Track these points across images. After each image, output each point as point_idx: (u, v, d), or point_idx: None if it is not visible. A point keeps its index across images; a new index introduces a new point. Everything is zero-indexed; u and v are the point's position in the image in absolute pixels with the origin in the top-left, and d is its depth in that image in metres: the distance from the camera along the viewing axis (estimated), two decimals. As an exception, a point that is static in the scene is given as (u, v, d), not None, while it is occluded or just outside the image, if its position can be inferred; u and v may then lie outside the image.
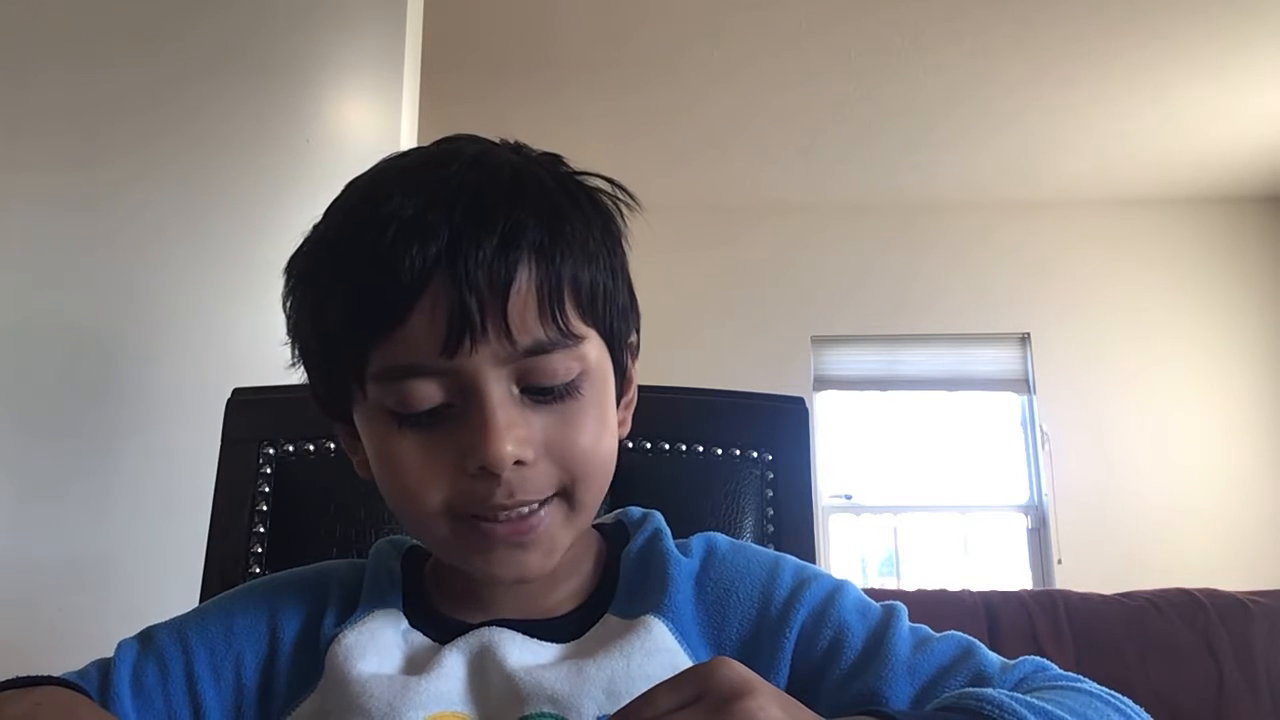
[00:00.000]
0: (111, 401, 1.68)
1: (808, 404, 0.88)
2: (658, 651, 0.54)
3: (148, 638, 0.58)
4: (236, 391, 0.87)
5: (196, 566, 0.81)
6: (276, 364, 0.61)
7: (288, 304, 0.57)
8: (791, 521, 0.83)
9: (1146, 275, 4.16)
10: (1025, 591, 2.23)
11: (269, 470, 0.83)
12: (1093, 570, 3.59)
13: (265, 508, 0.82)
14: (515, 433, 0.50)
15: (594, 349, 0.54)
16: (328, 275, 0.53)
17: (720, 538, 0.63)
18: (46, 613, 1.57)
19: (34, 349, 1.68)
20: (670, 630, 0.55)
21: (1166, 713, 2.00)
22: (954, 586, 2.24)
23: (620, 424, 0.60)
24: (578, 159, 0.60)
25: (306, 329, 0.56)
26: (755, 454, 0.85)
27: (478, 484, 0.50)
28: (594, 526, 0.64)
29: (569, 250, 0.51)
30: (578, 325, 0.52)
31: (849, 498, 4.10)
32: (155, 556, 1.57)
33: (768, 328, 4.13)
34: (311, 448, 0.83)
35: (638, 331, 0.62)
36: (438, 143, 0.57)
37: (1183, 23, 2.98)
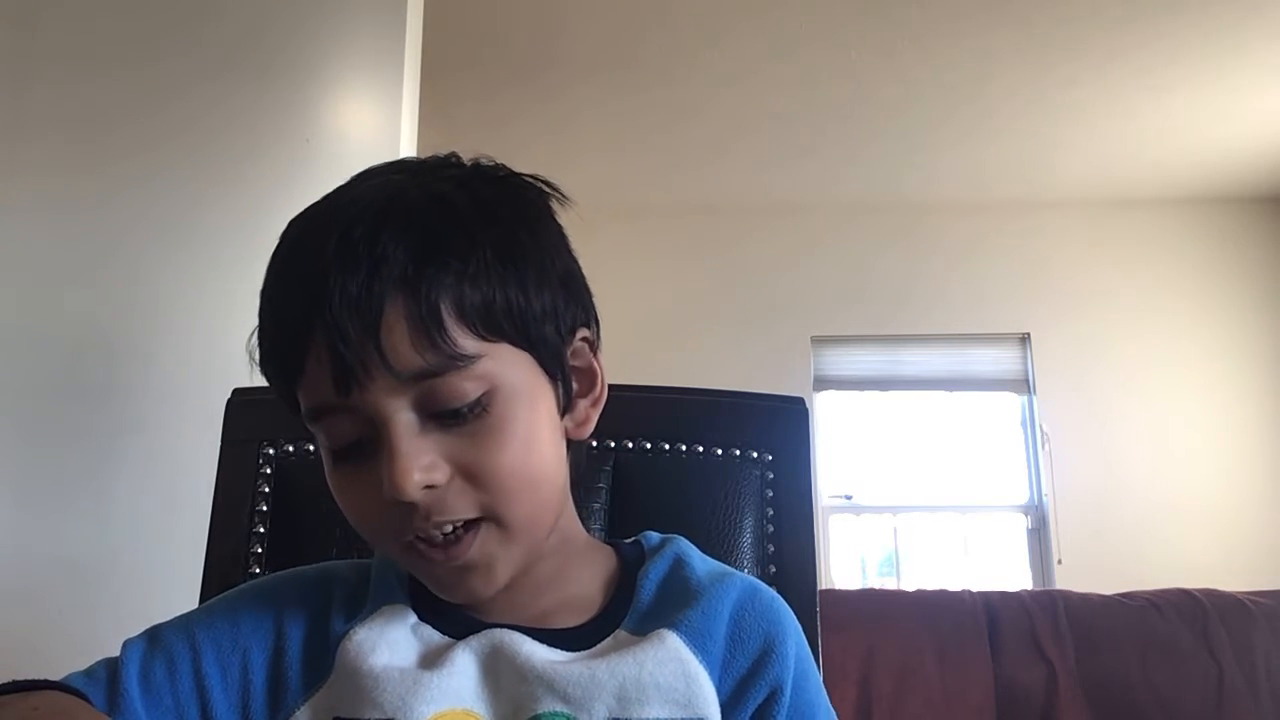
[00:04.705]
0: (111, 401, 1.68)
1: (808, 404, 0.88)
2: (670, 660, 0.55)
3: (154, 636, 0.58)
4: (236, 391, 0.86)
5: (196, 566, 0.81)
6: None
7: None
8: (791, 521, 0.83)
9: (1146, 275, 4.16)
10: (1025, 591, 2.23)
11: (269, 470, 0.83)
12: (1093, 570, 3.59)
13: (265, 508, 0.82)
14: (420, 460, 0.51)
15: (503, 364, 0.53)
16: (259, 324, 0.56)
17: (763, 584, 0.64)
18: (47, 613, 1.57)
19: (34, 349, 1.68)
20: (685, 643, 0.56)
21: (1166, 713, 2.00)
22: (954, 586, 2.24)
23: (583, 422, 0.60)
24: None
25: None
26: (755, 454, 0.84)
27: (396, 514, 0.52)
28: (612, 546, 0.65)
29: (443, 273, 0.50)
30: (469, 344, 0.51)
31: (849, 498, 4.10)
32: (155, 556, 1.57)
33: (768, 328, 4.13)
34: (311, 448, 0.83)
35: (592, 326, 0.61)
36: (364, 172, 0.58)
37: (1183, 23, 2.98)
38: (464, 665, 0.55)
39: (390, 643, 0.56)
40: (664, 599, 0.59)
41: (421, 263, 0.50)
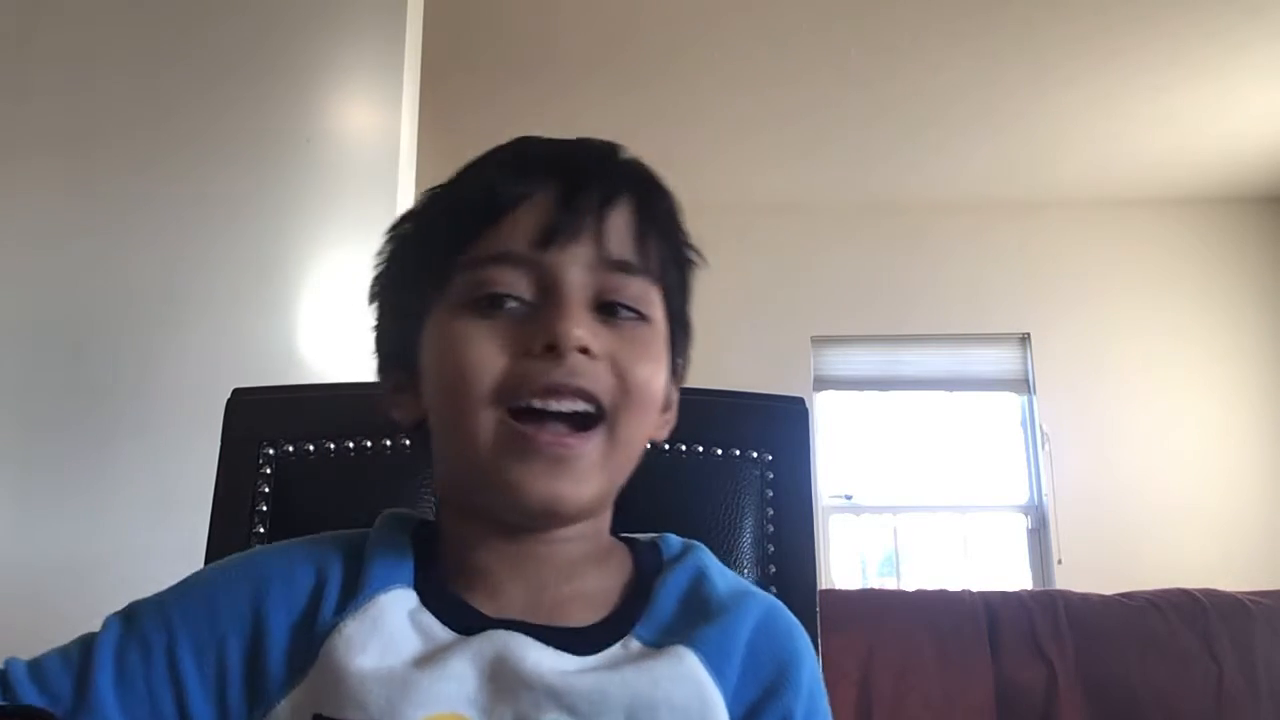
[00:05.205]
0: (112, 401, 1.68)
1: (808, 404, 0.88)
2: (686, 680, 0.53)
3: (131, 617, 0.56)
4: (236, 391, 0.86)
5: (196, 566, 0.81)
6: (276, 364, 0.61)
7: (380, 257, 0.62)
8: (791, 521, 0.83)
9: (1146, 275, 4.16)
10: (1025, 591, 2.24)
11: (269, 470, 0.83)
12: (1093, 570, 3.59)
13: (265, 508, 0.82)
14: (583, 329, 0.53)
15: (661, 313, 0.58)
16: (438, 201, 0.60)
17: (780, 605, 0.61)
18: (46, 613, 1.57)
19: (34, 349, 1.68)
20: (703, 663, 0.54)
21: (1166, 713, 2.00)
22: (954, 586, 2.24)
23: (658, 426, 0.61)
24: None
25: (400, 258, 0.61)
26: (755, 454, 0.84)
27: (539, 363, 0.52)
28: (626, 543, 0.63)
29: (659, 220, 0.59)
30: (657, 270, 0.57)
31: (849, 498, 4.10)
32: (155, 556, 1.57)
33: (768, 328, 4.13)
34: (311, 448, 0.83)
35: (685, 363, 0.64)
36: None
37: (1183, 23, 2.98)
38: (460, 669, 0.51)
39: (383, 637, 0.52)
40: (682, 614, 0.57)
41: (656, 191, 0.60)
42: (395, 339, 0.60)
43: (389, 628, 0.53)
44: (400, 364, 0.59)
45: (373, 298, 0.63)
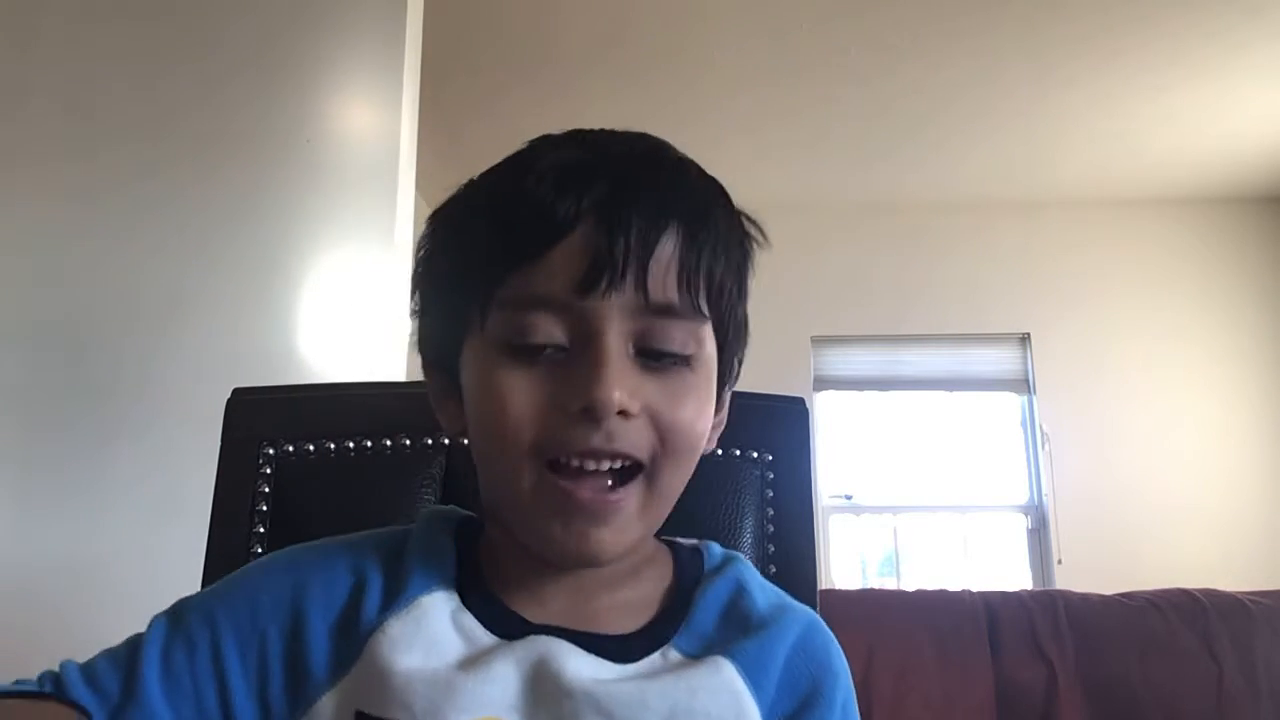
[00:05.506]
0: (112, 402, 1.68)
1: (808, 404, 0.88)
2: (723, 691, 0.53)
3: (178, 614, 0.56)
4: (236, 391, 0.86)
5: (196, 566, 0.81)
6: (276, 364, 0.61)
7: (423, 246, 0.60)
8: (791, 521, 0.83)
9: (1146, 275, 4.16)
10: (1025, 591, 2.24)
11: (269, 470, 0.83)
12: (1093, 570, 3.59)
13: (265, 508, 0.82)
14: (625, 384, 0.51)
15: (709, 342, 0.56)
16: (480, 206, 0.56)
17: (818, 619, 0.61)
18: (46, 613, 1.57)
19: (34, 349, 1.68)
20: (740, 674, 0.54)
21: (1166, 713, 2.00)
22: (954, 586, 2.24)
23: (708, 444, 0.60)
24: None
25: (440, 262, 0.58)
26: (755, 454, 0.84)
27: (576, 427, 0.51)
28: (668, 546, 0.63)
29: (710, 238, 0.54)
30: (705, 306, 0.54)
31: (849, 498, 4.10)
32: (155, 556, 1.57)
33: (768, 328, 4.08)
34: (311, 448, 0.83)
35: (740, 362, 0.63)
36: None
37: (1183, 23, 2.98)
38: (503, 673, 0.52)
39: (427, 638, 0.53)
40: (721, 627, 0.58)
41: (700, 220, 0.54)
42: (437, 340, 0.59)
43: (431, 629, 0.54)
44: (443, 369, 0.59)
45: (415, 285, 0.61)
